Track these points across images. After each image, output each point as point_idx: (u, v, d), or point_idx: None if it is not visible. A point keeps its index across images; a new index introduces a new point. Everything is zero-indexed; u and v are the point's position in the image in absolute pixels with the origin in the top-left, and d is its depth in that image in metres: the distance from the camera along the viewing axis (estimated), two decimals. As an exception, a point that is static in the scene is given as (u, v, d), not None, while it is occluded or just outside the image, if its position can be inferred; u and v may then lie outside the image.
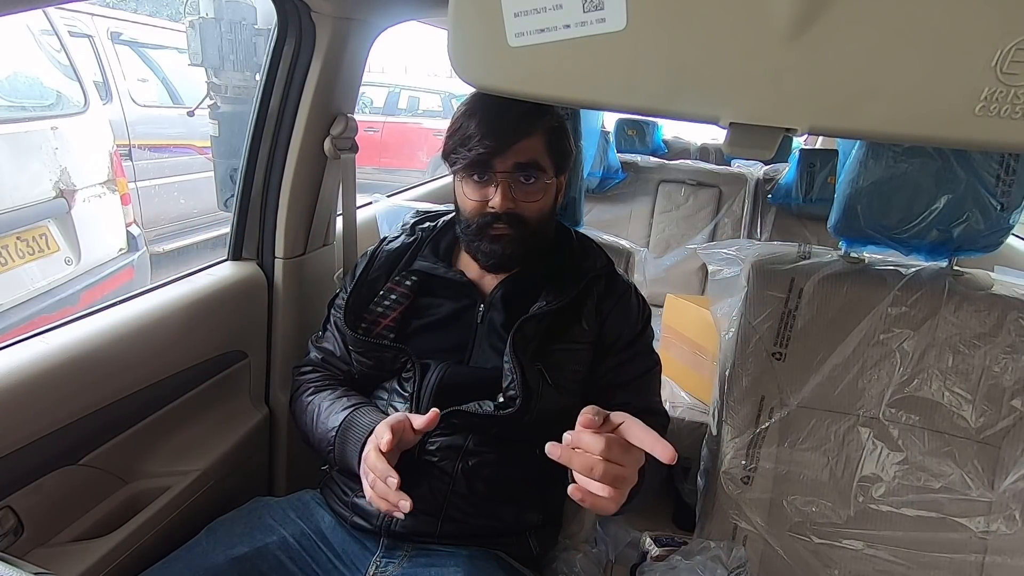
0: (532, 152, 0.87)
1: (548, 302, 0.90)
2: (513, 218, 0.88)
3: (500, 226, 0.88)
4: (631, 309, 0.97)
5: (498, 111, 0.85)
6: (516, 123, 0.85)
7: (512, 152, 0.85)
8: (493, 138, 0.84)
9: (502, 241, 0.89)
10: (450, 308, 0.95)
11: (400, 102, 7.16)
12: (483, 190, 0.88)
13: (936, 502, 1.01)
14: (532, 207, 0.89)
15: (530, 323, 0.89)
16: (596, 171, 2.35)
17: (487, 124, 0.85)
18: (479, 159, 0.85)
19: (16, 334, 0.87)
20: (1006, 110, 0.36)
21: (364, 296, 0.96)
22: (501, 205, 0.86)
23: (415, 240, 0.99)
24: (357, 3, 1.07)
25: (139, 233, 2.78)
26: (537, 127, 0.87)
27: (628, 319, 0.96)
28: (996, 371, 0.98)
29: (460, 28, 0.43)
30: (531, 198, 0.88)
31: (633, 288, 1.00)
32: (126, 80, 3.50)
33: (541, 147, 0.88)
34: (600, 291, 0.95)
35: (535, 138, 0.87)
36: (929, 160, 0.95)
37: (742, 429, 1.05)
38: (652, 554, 1.07)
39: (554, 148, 0.89)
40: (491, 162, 0.86)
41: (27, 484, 0.82)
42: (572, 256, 0.97)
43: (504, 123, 0.84)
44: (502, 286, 0.94)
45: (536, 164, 0.87)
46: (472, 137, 0.85)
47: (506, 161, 0.86)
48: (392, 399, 0.92)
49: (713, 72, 0.40)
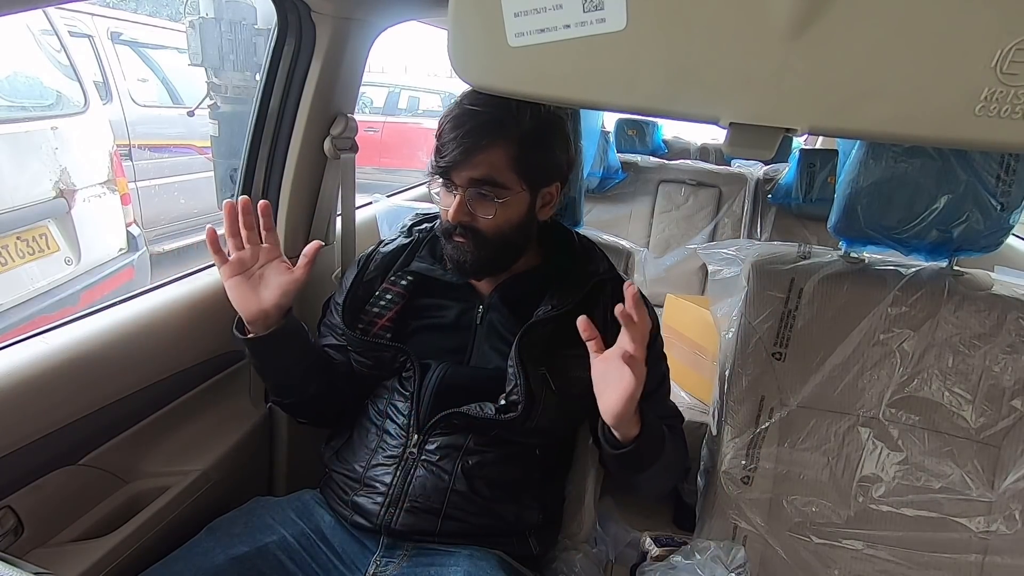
0: (489, 167, 0.84)
1: (553, 306, 0.90)
2: (468, 230, 0.87)
3: (458, 236, 0.88)
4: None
5: (461, 121, 0.83)
6: (473, 136, 0.83)
7: (468, 165, 0.84)
8: (450, 150, 0.83)
9: (460, 248, 0.89)
10: (448, 309, 0.95)
11: (400, 102, 7.16)
12: (447, 198, 0.88)
13: (936, 502, 1.00)
14: (487, 222, 0.87)
15: (536, 329, 0.89)
16: (596, 171, 2.35)
17: (451, 133, 0.84)
18: (439, 170, 0.86)
19: (16, 334, 0.87)
20: (1006, 110, 0.36)
21: (360, 297, 0.96)
22: (453, 217, 0.86)
23: (412, 242, 0.99)
24: (357, 3, 1.07)
25: (139, 233, 2.78)
26: (495, 141, 0.83)
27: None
28: (996, 371, 0.98)
29: (460, 28, 0.43)
30: (485, 213, 0.86)
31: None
32: (126, 80, 3.50)
33: (503, 161, 0.84)
34: (607, 298, 0.93)
35: (495, 152, 0.84)
36: (929, 160, 0.95)
37: (742, 429, 1.05)
38: (652, 554, 1.07)
39: (523, 161, 0.85)
40: (449, 173, 0.86)
41: (27, 484, 0.82)
42: (575, 259, 0.97)
43: (463, 135, 0.83)
44: (500, 288, 0.94)
45: (491, 180, 0.85)
46: (441, 147, 0.85)
47: (461, 175, 0.85)
48: (393, 398, 0.93)
49: (713, 72, 0.40)
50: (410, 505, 0.87)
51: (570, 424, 0.96)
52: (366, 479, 0.90)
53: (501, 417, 0.86)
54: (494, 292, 0.94)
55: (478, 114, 0.83)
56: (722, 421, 1.07)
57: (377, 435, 0.92)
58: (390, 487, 0.87)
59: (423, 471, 0.87)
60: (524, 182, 0.87)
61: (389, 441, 0.91)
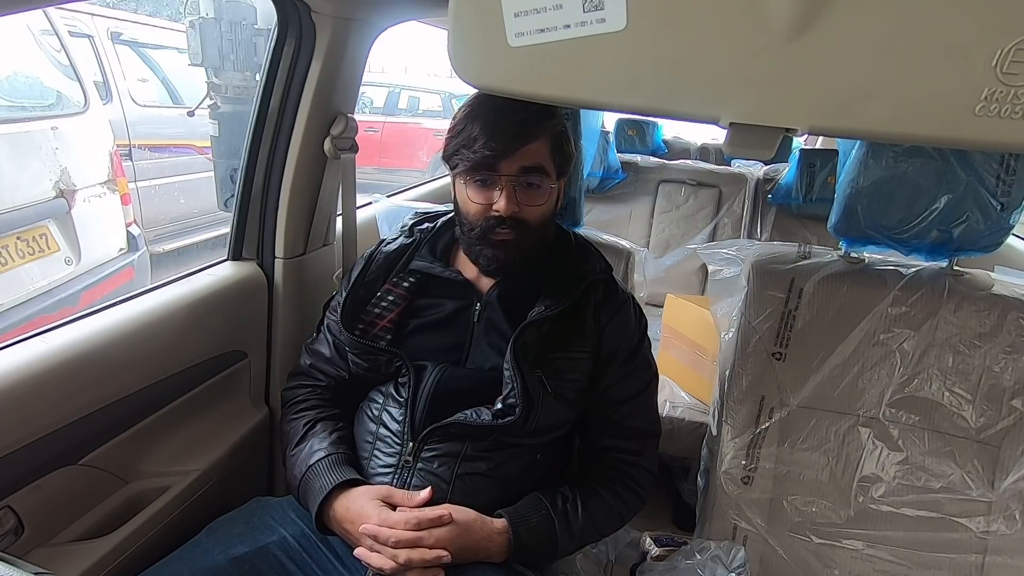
0: (537, 156, 0.86)
1: (547, 306, 0.90)
2: (517, 222, 0.87)
3: (504, 230, 0.87)
4: (629, 321, 0.96)
5: (504, 113, 0.83)
6: (522, 126, 0.84)
7: (518, 156, 0.84)
8: (499, 141, 0.83)
9: (505, 246, 0.88)
10: (447, 308, 0.94)
11: (400, 102, 7.15)
12: (487, 193, 0.87)
13: (936, 502, 1.00)
14: (536, 211, 0.88)
15: (531, 329, 0.88)
16: (596, 171, 2.35)
17: (493, 126, 0.83)
18: (484, 162, 0.84)
19: (16, 334, 0.87)
20: (1006, 110, 0.36)
21: (361, 297, 0.96)
22: (506, 209, 0.85)
23: (414, 241, 0.99)
24: (357, 3, 1.07)
25: (139, 233, 2.78)
26: (543, 131, 0.86)
27: (626, 331, 0.95)
28: (996, 371, 0.98)
29: (460, 28, 0.43)
30: (535, 202, 0.87)
31: (631, 299, 0.99)
32: (126, 80, 3.49)
33: (546, 151, 0.87)
34: (598, 298, 0.94)
35: (540, 142, 0.86)
36: (929, 160, 0.95)
37: (742, 429, 1.05)
38: (652, 554, 1.07)
39: (557, 152, 0.88)
40: (496, 165, 0.85)
41: (27, 484, 0.82)
42: (571, 259, 0.97)
43: (510, 126, 0.83)
44: (499, 286, 0.94)
45: (541, 168, 0.86)
46: (476, 139, 0.84)
47: (511, 165, 0.85)
48: (387, 404, 0.91)
49: (713, 72, 0.40)
50: None
51: (566, 424, 0.95)
52: None
53: (499, 422, 0.85)
54: (492, 289, 0.94)
55: (523, 105, 0.81)
56: (722, 421, 1.07)
57: (372, 442, 0.91)
58: None
59: (420, 479, 0.86)
60: (557, 172, 0.89)
61: (384, 449, 0.90)
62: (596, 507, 0.91)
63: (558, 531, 0.87)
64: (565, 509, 0.89)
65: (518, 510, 0.87)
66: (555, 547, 0.88)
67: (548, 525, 0.87)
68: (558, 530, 0.87)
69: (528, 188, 0.87)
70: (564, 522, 0.88)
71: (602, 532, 0.94)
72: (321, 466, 0.88)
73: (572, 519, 0.88)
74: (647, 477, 0.97)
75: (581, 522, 0.89)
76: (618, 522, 0.96)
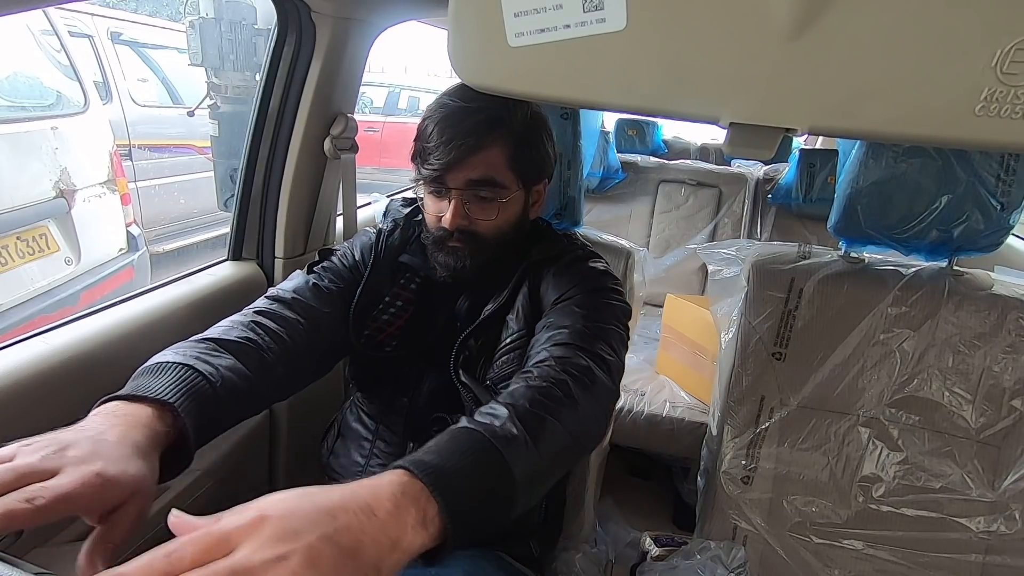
0: (488, 167, 0.80)
1: (486, 310, 0.85)
2: (467, 235, 0.83)
3: (453, 242, 0.83)
4: (567, 276, 0.84)
5: (453, 120, 0.79)
6: (469, 135, 0.78)
7: (465, 167, 0.79)
8: (445, 151, 0.78)
9: (456, 254, 0.84)
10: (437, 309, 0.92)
11: (400, 102, 7.15)
12: (439, 204, 0.83)
13: (936, 502, 1.00)
14: (487, 224, 0.83)
15: (469, 340, 0.84)
16: (596, 171, 2.35)
17: (441, 135, 0.79)
18: (431, 174, 0.81)
19: (16, 334, 0.87)
20: (1006, 110, 0.36)
21: (367, 304, 0.89)
22: (451, 223, 0.81)
23: (412, 235, 0.94)
24: (357, 3, 1.07)
25: (139, 233, 2.78)
26: (492, 140, 0.80)
27: (560, 283, 0.83)
28: (996, 371, 0.98)
29: (460, 28, 0.43)
30: (485, 215, 0.82)
31: (581, 258, 0.87)
32: (126, 80, 3.49)
33: (501, 160, 0.81)
34: (533, 281, 0.86)
35: (493, 151, 0.80)
36: (929, 160, 0.95)
37: (742, 429, 1.05)
38: (652, 554, 1.07)
39: (519, 159, 0.82)
40: (443, 178, 0.80)
41: (27, 484, 0.82)
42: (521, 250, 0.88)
43: (457, 135, 0.78)
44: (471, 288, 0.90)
45: (491, 180, 0.81)
46: (428, 150, 0.80)
47: (457, 177, 0.80)
48: (387, 401, 0.91)
49: (713, 72, 0.40)
50: None
51: None
52: None
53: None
54: (464, 294, 0.90)
55: (473, 111, 0.78)
56: (722, 421, 1.07)
57: (371, 441, 0.91)
58: None
59: None
60: (520, 180, 0.84)
61: (384, 448, 0.90)
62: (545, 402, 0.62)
63: (501, 450, 0.54)
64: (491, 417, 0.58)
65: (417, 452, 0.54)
66: (511, 475, 0.54)
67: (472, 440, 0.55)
68: (501, 449, 0.54)
69: (480, 201, 0.82)
70: (505, 437, 0.55)
71: (576, 439, 0.64)
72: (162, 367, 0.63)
73: (509, 424, 0.57)
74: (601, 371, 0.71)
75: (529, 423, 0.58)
76: (590, 422, 0.67)
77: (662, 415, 1.56)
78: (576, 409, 0.65)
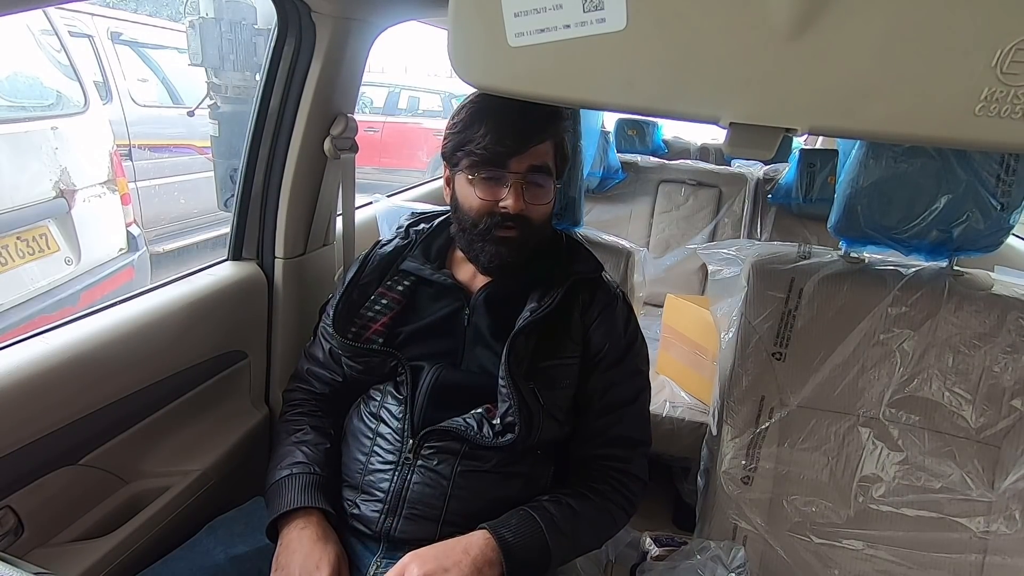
0: (545, 156, 0.87)
1: (532, 310, 0.89)
2: (521, 220, 0.87)
3: (508, 227, 0.87)
4: (616, 322, 0.94)
5: (516, 112, 0.84)
6: (534, 125, 0.85)
7: (528, 155, 0.85)
8: (511, 138, 0.84)
9: (507, 243, 0.88)
10: (438, 312, 0.93)
11: (400, 102, 7.15)
12: (494, 190, 0.86)
13: (936, 502, 1.01)
14: (540, 210, 0.89)
15: (519, 339, 0.87)
16: (596, 171, 2.35)
17: (505, 124, 0.84)
18: (494, 159, 0.85)
19: (16, 334, 0.87)
20: (1006, 110, 0.36)
21: (355, 301, 0.95)
22: (514, 206, 0.85)
23: (409, 243, 0.98)
24: (357, 3, 1.07)
25: (139, 233, 2.78)
26: (551, 132, 0.87)
27: (612, 332, 0.93)
28: (996, 371, 0.98)
29: (460, 28, 0.43)
30: (540, 200, 0.88)
31: (621, 298, 0.97)
32: (126, 80, 3.49)
33: (551, 152, 0.88)
34: (585, 300, 0.93)
35: (548, 142, 0.88)
36: (929, 160, 0.95)
37: (742, 429, 1.05)
38: (652, 554, 1.07)
39: (559, 154, 0.90)
40: (506, 162, 0.85)
41: (27, 484, 0.82)
42: (560, 260, 0.96)
43: (522, 124, 0.84)
44: (487, 288, 0.93)
45: (547, 168, 0.88)
46: (485, 135, 0.84)
47: (521, 163, 0.85)
48: (385, 400, 0.91)
49: (713, 72, 0.40)
50: (409, 512, 0.86)
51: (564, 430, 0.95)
52: (364, 485, 0.89)
53: (499, 441, 0.85)
54: (479, 293, 0.93)
55: (533, 106, 0.81)
56: (722, 421, 1.07)
57: (371, 439, 0.91)
58: (388, 493, 0.87)
59: (420, 476, 0.86)
60: (558, 173, 0.91)
61: (384, 445, 0.90)
62: (586, 510, 0.89)
63: (546, 533, 0.83)
64: (551, 513, 0.85)
65: (499, 519, 0.84)
66: (547, 552, 0.84)
67: (533, 528, 0.84)
68: (546, 533, 0.83)
69: (534, 187, 0.87)
70: (553, 526, 0.84)
71: (597, 537, 0.92)
72: (293, 482, 0.87)
73: (561, 523, 0.85)
74: (637, 484, 0.95)
75: (572, 524, 0.86)
76: (611, 528, 0.93)
77: (662, 415, 1.56)
78: (613, 526, 0.93)
